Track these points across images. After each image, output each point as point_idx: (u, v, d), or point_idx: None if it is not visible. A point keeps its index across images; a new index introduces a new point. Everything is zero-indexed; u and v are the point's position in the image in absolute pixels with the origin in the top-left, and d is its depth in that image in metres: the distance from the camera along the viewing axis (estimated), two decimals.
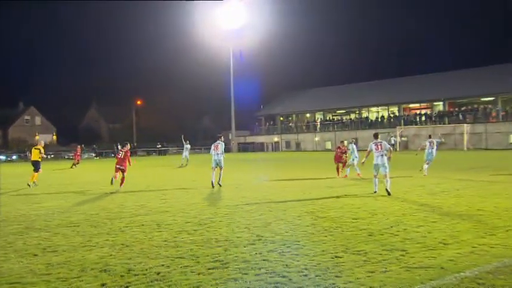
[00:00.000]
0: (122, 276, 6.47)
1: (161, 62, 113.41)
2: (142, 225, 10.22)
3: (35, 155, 21.00)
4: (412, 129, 62.15)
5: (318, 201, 13.34)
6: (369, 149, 14.76)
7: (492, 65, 66.41)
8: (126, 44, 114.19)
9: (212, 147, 18.23)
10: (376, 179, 14.59)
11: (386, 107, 71.01)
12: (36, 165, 20.73)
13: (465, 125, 55.70)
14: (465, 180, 18.41)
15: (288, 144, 77.39)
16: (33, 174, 20.52)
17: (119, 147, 22.63)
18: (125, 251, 7.88)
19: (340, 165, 21.58)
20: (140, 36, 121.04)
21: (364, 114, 73.01)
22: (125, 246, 8.21)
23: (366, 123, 69.76)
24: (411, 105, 70.03)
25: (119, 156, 18.21)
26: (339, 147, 22.05)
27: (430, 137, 22.74)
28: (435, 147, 21.73)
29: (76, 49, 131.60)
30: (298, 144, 76.05)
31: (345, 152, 21.72)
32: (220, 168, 18.20)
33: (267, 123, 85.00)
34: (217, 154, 17.98)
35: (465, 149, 52.74)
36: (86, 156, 63.21)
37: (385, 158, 14.35)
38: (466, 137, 53.87)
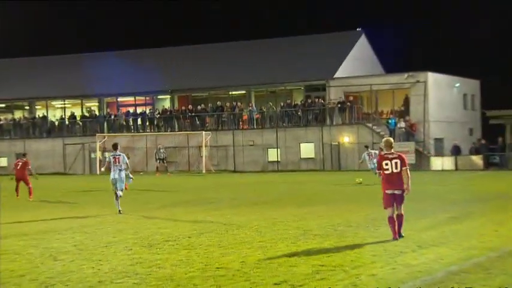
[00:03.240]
0: None
1: None
2: None
3: None
4: (122, 138, 62.39)
5: None
6: (107, 161, 21.41)
7: (244, 41, 72.33)
8: None
9: None
10: (118, 199, 20.92)
11: (80, 101, 70.99)
12: None
13: (204, 132, 58.82)
14: (201, 221, 19.69)
15: None
16: None
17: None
18: None
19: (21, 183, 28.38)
20: None
21: (41, 112, 71.53)
22: None
23: (41, 128, 68.17)
24: (120, 100, 71.16)
25: None
26: (19, 161, 28.91)
27: (367, 148, 38.23)
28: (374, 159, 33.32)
29: None
30: None
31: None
32: None
33: None
34: None
35: (204, 171, 55.82)
36: None
37: (123, 172, 21.13)
38: (204, 152, 57.02)
